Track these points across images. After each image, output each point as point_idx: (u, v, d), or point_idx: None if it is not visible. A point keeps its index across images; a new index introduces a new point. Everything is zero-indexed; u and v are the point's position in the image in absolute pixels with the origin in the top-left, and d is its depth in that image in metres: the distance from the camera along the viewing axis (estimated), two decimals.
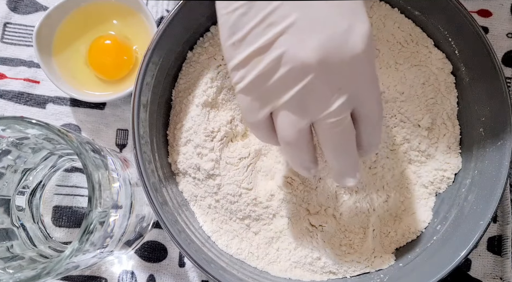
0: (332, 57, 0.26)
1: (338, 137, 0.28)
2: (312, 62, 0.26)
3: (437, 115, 0.40)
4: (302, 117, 0.28)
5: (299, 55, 0.26)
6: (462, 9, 0.37)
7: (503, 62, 0.46)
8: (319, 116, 0.27)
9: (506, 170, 0.35)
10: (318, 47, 0.25)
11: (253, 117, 0.29)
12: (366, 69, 0.27)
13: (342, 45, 0.26)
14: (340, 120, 0.27)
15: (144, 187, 0.34)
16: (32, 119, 0.29)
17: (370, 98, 0.28)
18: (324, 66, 0.26)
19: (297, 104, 0.27)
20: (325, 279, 0.38)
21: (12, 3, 0.46)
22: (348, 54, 0.26)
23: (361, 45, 0.26)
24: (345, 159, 0.30)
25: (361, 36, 0.26)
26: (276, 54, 0.26)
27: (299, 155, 0.30)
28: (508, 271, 0.42)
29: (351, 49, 0.26)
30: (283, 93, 0.27)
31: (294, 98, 0.27)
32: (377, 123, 0.30)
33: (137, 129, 0.34)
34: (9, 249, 0.33)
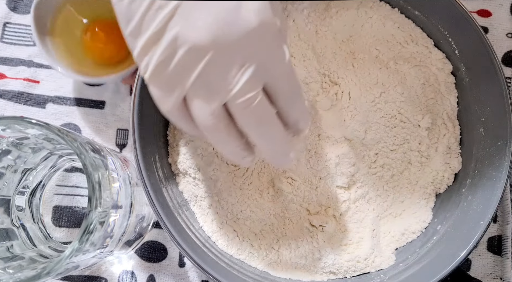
0: (225, 35, 0.25)
1: (254, 116, 0.28)
2: (205, 41, 0.25)
3: (437, 115, 0.40)
4: (211, 99, 0.27)
5: (191, 36, 0.25)
6: (462, 9, 0.37)
7: (503, 62, 0.46)
8: (228, 96, 0.27)
9: (506, 170, 0.35)
10: (208, 26, 0.25)
11: (165, 106, 0.28)
12: (268, 42, 0.26)
13: (233, 21, 0.25)
14: (251, 98, 0.27)
15: (144, 187, 0.34)
16: (32, 119, 0.29)
17: (278, 70, 0.27)
18: (220, 44, 0.25)
19: (202, 86, 0.26)
20: (325, 279, 0.38)
21: (12, 3, 0.46)
22: (242, 29, 0.25)
23: (255, 18, 0.25)
24: (269, 139, 0.29)
25: (253, 10, 0.25)
26: (169, 37, 0.26)
27: (223, 141, 0.29)
28: (508, 271, 0.42)
29: (244, 24, 0.25)
30: (186, 77, 0.26)
31: (198, 81, 0.26)
32: (295, 96, 0.29)
33: (137, 129, 0.34)
34: (9, 249, 0.33)
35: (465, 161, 0.39)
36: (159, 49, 0.26)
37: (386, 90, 0.39)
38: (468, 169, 0.39)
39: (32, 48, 0.45)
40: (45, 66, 0.45)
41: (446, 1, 0.37)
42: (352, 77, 0.39)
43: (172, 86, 0.27)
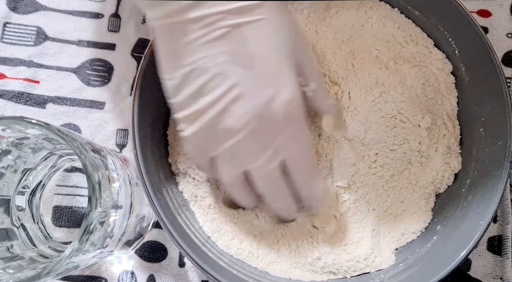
0: (255, 123, 0.30)
1: (268, 186, 0.33)
2: (238, 128, 0.30)
3: (437, 115, 0.40)
4: (234, 167, 0.32)
5: (227, 122, 0.30)
6: (462, 9, 0.37)
7: (503, 62, 0.46)
8: (248, 168, 0.32)
9: (506, 170, 0.35)
10: (243, 116, 0.30)
11: (195, 160, 0.34)
12: (289, 131, 0.31)
13: (265, 113, 0.30)
14: (269, 171, 0.32)
15: (144, 187, 0.34)
16: (32, 119, 0.29)
17: (295, 154, 0.32)
18: (249, 131, 0.30)
19: (228, 156, 0.32)
20: (325, 279, 0.38)
21: (12, 3, 0.46)
22: (271, 120, 0.30)
23: (282, 112, 0.30)
24: (278, 204, 0.34)
25: (282, 104, 0.30)
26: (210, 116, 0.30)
27: (237, 193, 0.35)
28: (508, 271, 0.42)
29: (273, 116, 0.30)
30: (217, 147, 0.31)
31: (226, 152, 0.31)
32: (307, 176, 0.34)
33: (137, 129, 0.34)
34: (9, 249, 0.33)
35: (465, 161, 0.39)
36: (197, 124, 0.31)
37: (386, 90, 0.39)
38: (468, 169, 0.39)
39: (32, 48, 0.45)
40: (45, 66, 0.45)
41: (446, 1, 0.37)
42: (352, 77, 0.39)
43: (205, 149, 0.32)
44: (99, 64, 0.45)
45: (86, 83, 0.45)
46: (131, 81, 0.45)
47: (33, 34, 0.45)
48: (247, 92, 0.30)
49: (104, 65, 0.45)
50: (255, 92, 0.30)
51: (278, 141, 0.31)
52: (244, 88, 0.30)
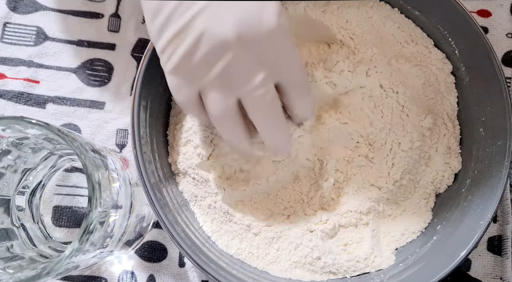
0: (249, 33, 0.27)
1: (265, 110, 0.30)
2: (231, 39, 0.27)
3: (438, 115, 0.40)
4: (228, 94, 0.29)
5: (218, 33, 0.27)
6: (462, 9, 0.37)
7: (503, 62, 0.46)
8: (244, 91, 0.29)
9: (506, 170, 0.35)
10: (235, 24, 0.27)
11: (182, 97, 0.31)
12: (282, 43, 0.29)
13: (257, 22, 0.27)
14: (264, 94, 0.29)
15: (144, 187, 0.34)
16: (32, 119, 0.29)
17: (290, 68, 0.30)
18: (243, 43, 0.27)
19: (221, 81, 0.29)
20: (325, 279, 0.38)
21: (12, 2, 0.46)
22: (263, 29, 0.28)
23: (274, 20, 0.28)
24: (275, 131, 0.32)
25: (273, 13, 0.28)
26: (195, 33, 0.27)
27: (230, 130, 0.32)
28: (508, 271, 0.42)
29: (266, 25, 0.28)
30: (207, 72, 0.28)
31: (218, 76, 0.28)
32: (303, 91, 0.32)
33: (137, 129, 0.34)
34: (9, 249, 0.33)
35: (465, 161, 0.39)
36: (184, 44, 0.28)
37: (388, 90, 0.39)
38: (468, 169, 0.39)
39: (32, 48, 0.45)
40: (45, 66, 0.45)
41: (446, 1, 0.37)
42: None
43: (192, 79, 0.29)
44: (99, 64, 0.45)
45: (86, 83, 0.45)
46: (131, 81, 0.45)
47: (33, 34, 0.45)
48: (233, 2, 0.27)
49: (104, 65, 0.45)
50: (241, 2, 0.27)
51: (273, 57, 0.29)
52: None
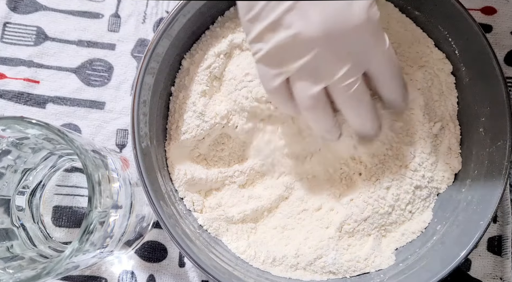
0: (336, 29, 0.28)
1: (352, 99, 0.31)
2: (318, 35, 0.28)
3: (443, 118, 0.40)
4: (315, 83, 0.30)
5: (306, 30, 0.28)
6: (462, 9, 0.37)
7: (506, 61, 0.45)
8: (331, 81, 0.30)
9: (506, 170, 0.35)
10: (322, 21, 0.28)
11: (270, 85, 0.32)
12: (369, 34, 0.30)
13: (345, 18, 0.28)
14: (351, 83, 0.30)
15: (144, 187, 0.34)
16: (32, 119, 0.29)
17: (378, 58, 0.31)
18: (329, 38, 0.29)
19: (309, 71, 0.30)
20: (325, 279, 0.38)
21: (12, 2, 0.46)
22: (351, 24, 0.29)
23: (363, 15, 0.29)
24: (362, 118, 0.33)
25: (362, 7, 0.29)
26: (285, 28, 0.29)
27: (318, 119, 0.33)
28: (508, 271, 0.42)
29: (353, 20, 0.29)
30: (295, 62, 0.30)
31: (305, 67, 0.30)
32: (393, 80, 0.33)
33: (137, 129, 0.34)
34: (9, 249, 0.33)
35: (465, 161, 0.39)
36: (275, 37, 0.29)
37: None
38: (468, 169, 0.39)
39: (32, 48, 0.45)
40: (45, 66, 0.45)
41: (446, 1, 0.37)
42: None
43: (281, 68, 0.31)
44: (99, 64, 0.45)
45: (86, 83, 0.45)
46: (131, 81, 0.45)
47: (33, 34, 0.45)
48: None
49: (104, 65, 0.45)
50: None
51: (360, 49, 0.30)
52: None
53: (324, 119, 0.33)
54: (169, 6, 0.46)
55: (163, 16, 0.46)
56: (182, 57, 0.39)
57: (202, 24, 0.39)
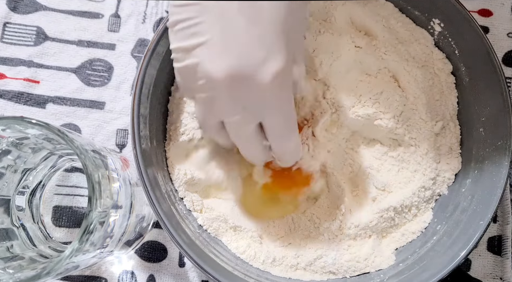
0: (239, 80, 0.28)
1: (241, 140, 0.32)
2: (219, 78, 0.28)
3: (444, 117, 0.40)
4: (210, 114, 0.31)
5: (209, 69, 0.28)
6: (462, 9, 0.37)
7: (504, 62, 0.46)
8: (224, 119, 0.31)
9: (506, 170, 0.35)
10: (227, 68, 0.28)
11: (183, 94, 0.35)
12: (271, 99, 0.29)
13: (250, 74, 0.28)
14: (242, 129, 0.31)
15: (144, 187, 0.34)
16: (32, 119, 0.29)
17: (273, 119, 0.31)
18: (230, 85, 0.28)
19: (207, 103, 0.30)
20: (325, 279, 0.38)
21: (12, 3, 0.46)
22: (255, 83, 0.28)
23: (268, 80, 0.28)
24: (248, 153, 0.34)
25: (271, 73, 0.28)
26: (191, 61, 0.29)
27: (210, 135, 0.33)
28: (508, 271, 0.42)
29: (258, 80, 0.28)
30: (196, 90, 0.30)
31: (204, 98, 0.30)
32: (282, 140, 0.32)
33: (137, 129, 0.34)
34: (9, 249, 0.33)
35: (465, 161, 0.39)
36: (183, 63, 0.29)
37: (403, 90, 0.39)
38: (468, 169, 0.39)
39: (32, 48, 0.45)
40: (45, 66, 0.45)
41: (446, 1, 0.37)
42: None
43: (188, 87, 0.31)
44: (99, 64, 0.45)
45: (86, 83, 0.45)
46: (131, 81, 0.45)
47: (33, 34, 0.45)
48: (240, 44, 0.28)
49: (104, 65, 0.45)
50: (248, 47, 0.28)
51: (259, 105, 0.29)
52: (238, 38, 0.28)
53: (218, 138, 0.33)
54: (169, 6, 0.46)
55: (163, 16, 0.46)
56: None
57: None
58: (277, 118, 0.31)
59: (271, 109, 0.30)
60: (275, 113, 0.30)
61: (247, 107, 0.29)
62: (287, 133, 0.32)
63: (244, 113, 0.30)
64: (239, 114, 0.30)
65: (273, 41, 0.28)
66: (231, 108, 0.30)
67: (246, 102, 0.29)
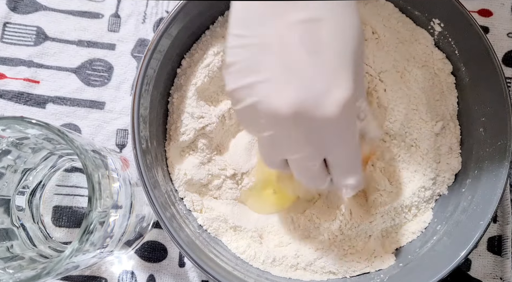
0: (303, 115, 0.27)
1: (306, 176, 0.31)
2: (284, 114, 0.27)
3: (444, 117, 0.40)
4: (272, 153, 0.31)
5: (272, 106, 0.27)
6: (462, 9, 0.37)
7: (504, 62, 0.46)
8: (289, 157, 0.30)
9: (506, 170, 0.35)
10: (291, 103, 0.26)
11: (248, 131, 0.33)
12: (337, 132, 0.28)
13: (315, 106, 0.26)
14: (307, 166, 0.30)
15: (144, 187, 0.34)
16: (32, 119, 0.29)
17: (339, 156, 0.30)
18: (294, 121, 0.27)
19: (270, 142, 0.29)
20: (325, 279, 0.38)
21: (12, 3, 0.46)
22: (319, 116, 0.27)
23: (334, 111, 0.27)
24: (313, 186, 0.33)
25: (336, 103, 0.26)
26: (251, 100, 0.28)
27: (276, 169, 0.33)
28: (508, 271, 0.42)
29: (323, 113, 0.27)
30: (261, 129, 0.29)
31: (267, 137, 0.29)
32: (347, 173, 0.31)
33: (137, 129, 0.34)
34: (9, 249, 0.33)
35: (465, 161, 0.39)
36: (243, 103, 0.28)
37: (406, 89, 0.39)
38: (468, 169, 0.39)
39: (32, 48, 0.45)
40: (45, 66, 0.45)
41: (446, 1, 0.37)
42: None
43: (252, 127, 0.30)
44: (99, 64, 0.45)
45: (86, 83, 0.45)
46: (131, 81, 0.45)
47: (33, 34, 0.45)
48: (302, 77, 0.27)
49: (104, 65, 0.45)
50: (310, 79, 0.27)
51: (323, 140, 0.28)
52: (300, 71, 0.27)
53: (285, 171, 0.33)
54: (169, 6, 0.46)
55: (163, 16, 0.46)
56: (182, 57, 0.39)
57: (202, 24, 0.39)
58: (342, 154, 0.30)
59: (337, 144, 0.29)
60: (340, 149, 0.29)
61: (313, 142, 0.28)
62: (352, 170, 0.31)
63: (309, 149, 0.29)
64: (304, 151, 0.29)
65: (335, 70, 0.27)
66: (295, 145, 0.29)
67: (312, 138, 0.28)
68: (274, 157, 0.31)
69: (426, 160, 0.39)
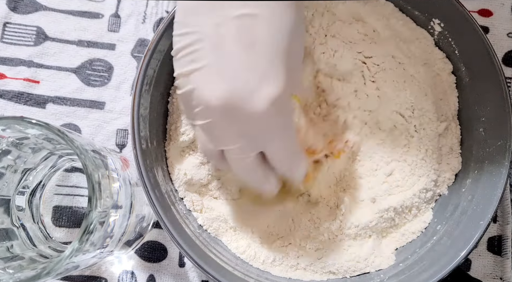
0: (233, 107, 0.27)
1: (243, 171, 0.31)
2: (213, 105, 0.28)
3: (447, 118, 0.40)
4: (209, 142, 0.31)
5: (204, 96, 0.28)
6: (462, 9, 0.37)
7: (504, 62, 0.46)
8: (223, 148, 0.30)
9: (506, 170, 0.35)
10: (221, 94, 0.27)
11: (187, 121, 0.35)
12: (269, 127, 0.29)
13: (245, 101, 0.27)
14: (242, 158, 0.30)
15: (144, 187, 0.34)
16: (32, 119, 0.29)
17: (274, 148, 0.30)
18: (225, 112, 0.28)
19: (205, 130, 0.30)
20: (325, 279, 0.38)
21: (12, 3, 0.46)
22: (248, 110, 0.27)
23: (262, 107, 0.27)
24: (253, 184, 0.33)
25: (265, 99, 0.27)
26: (187, 88, 0.29)
27: (213, 163, 0.34)
28: (508, 271, 0.42)
29: (252, 108, 0.27)
30: (195, 117, 0.30)
31: (202, 126, 0.30)
32: (285, 162, 0.32)
33: (137, 129, 0.34)
34: (9, 249, 0.33)
35: (465, 161, 0.39)
36: (182, 90, 0.29)
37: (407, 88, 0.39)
38: (468, 169, 0.39)
39: (32, 48, 0.45)
40: (45, 66, 0.45)
41: (446, 1, 0.37)
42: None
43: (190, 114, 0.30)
44: (99, 64, 0.45)
45: (86, 83, 0.45)
46: (131, 81, 0.45)
47: (33, 34, 0.45)
48: (234, 70, 0.27)
49: (104, 65, 0.45)
50: (241, 73, 0.27)
51: (257, 134, 0.29)
52: (232, 65, 0.27)
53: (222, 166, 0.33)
54: (169, 6, 0.46)
55: (163, 16, 0.46)
56: None
57: None
58: (277, 148, 0.30)
59: (270, 139, 0.29)
60: (275, 144, 0.30)
61: (245, 135, 0.29)
62: (290, 160, 0.32)
63: (243, 142, 0.29)
64: (237, 143, 0.29)
65: (267, 67, 0.27)
66: (228, 136, 0.29)
67: (243, 130, 0.29)
68: (209, 148, 0.31)
69: (429, 162, 0.39)
